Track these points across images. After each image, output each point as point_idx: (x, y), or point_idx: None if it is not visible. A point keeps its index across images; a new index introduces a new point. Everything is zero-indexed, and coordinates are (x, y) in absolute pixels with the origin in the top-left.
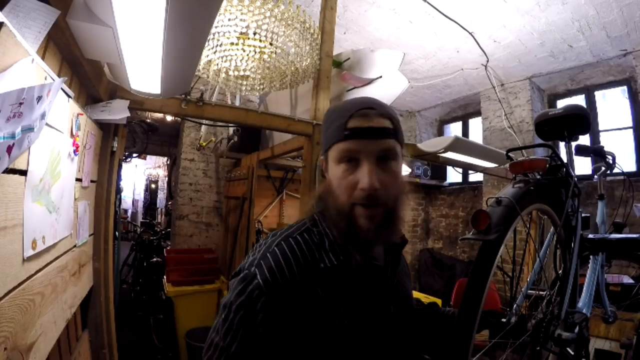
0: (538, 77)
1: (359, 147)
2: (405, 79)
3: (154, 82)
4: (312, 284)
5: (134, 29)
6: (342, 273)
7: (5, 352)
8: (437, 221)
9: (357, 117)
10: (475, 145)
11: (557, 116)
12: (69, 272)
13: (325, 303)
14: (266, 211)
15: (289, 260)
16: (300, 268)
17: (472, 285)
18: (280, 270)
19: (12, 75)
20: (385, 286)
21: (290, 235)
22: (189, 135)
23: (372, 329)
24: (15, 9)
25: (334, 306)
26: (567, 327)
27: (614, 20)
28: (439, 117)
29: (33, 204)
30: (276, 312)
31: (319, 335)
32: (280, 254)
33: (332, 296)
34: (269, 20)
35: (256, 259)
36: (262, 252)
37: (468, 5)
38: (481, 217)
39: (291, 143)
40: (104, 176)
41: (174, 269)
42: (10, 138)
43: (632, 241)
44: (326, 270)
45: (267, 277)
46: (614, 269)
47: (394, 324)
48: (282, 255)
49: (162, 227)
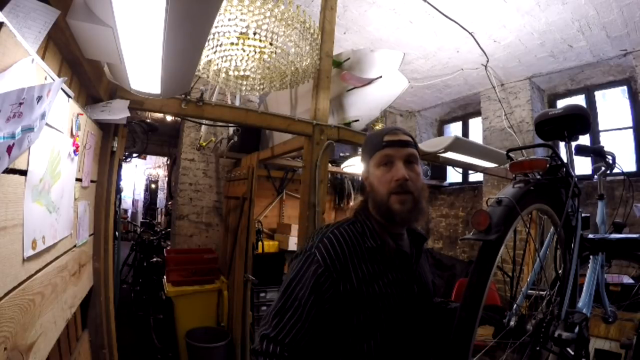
0: (538, 77)
1: (393, 152)
2: (405, 79)
3: (154, 82)
4: (358, 260)
5: (134, 29)
6: (380, 253)
7: (5, 352)
8: (437, 221)
9: (390, 134)
10: (475, 145)
11: (557, 116)
12: (69, 272)
13: (368, 274)
14: (266, 211)
15: (340, 242)
16: (348, 248)
17: (472, 286)
18: (335, 250)
19: (12, 75)
20: (410, 269)
21: (341, 226)
22: (189, 135)
23: (403, 299)
24: (15, 9)
25: (374, 278)
26: (567, 327)
27: (614, 20)
28: (439, 117)
29: (33, 204)
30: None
31: (363, 298)
32: (334, 238)
33: (373, 270)
34: (269, 20)
35: (315, 243)
36: (320, 238)
37: (468, 5)
38: (481, 217)
39: (291, 143)
40: (104, 176)
41: (174, 269)
42: (10, 138)
43: (632, 241)
44: (368, 250)
45: (325, 255)
46: (614, 269)
47: (417, 300)
48: (335, 239)
49: (162, 227)
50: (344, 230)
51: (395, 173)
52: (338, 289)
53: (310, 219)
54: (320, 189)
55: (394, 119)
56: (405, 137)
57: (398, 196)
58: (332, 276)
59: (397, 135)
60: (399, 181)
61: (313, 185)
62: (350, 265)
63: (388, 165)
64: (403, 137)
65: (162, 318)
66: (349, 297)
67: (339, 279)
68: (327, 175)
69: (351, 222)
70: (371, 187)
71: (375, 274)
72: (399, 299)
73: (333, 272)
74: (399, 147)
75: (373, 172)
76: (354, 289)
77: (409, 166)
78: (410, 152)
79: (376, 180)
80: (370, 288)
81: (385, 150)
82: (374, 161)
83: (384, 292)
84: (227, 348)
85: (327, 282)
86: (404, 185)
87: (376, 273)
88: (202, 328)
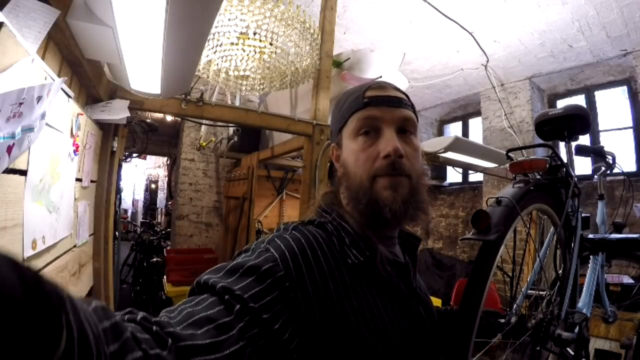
0: (538, 77)
1: (380, 113)
2: (405, 79)
3: (154, 82)
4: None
5: (134, 29)
6: (368, 270)
7: None
8: (437, 221)
9: (375, 88)
10: (475, 145)
11: (557, 116)
12: (69, 272)
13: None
14: (266, 211)
15: (313, 247)
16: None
17: (472, 285)
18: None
19: (12, 75)
20: (410, 286)
21: (304, 227)
22: (189, 135)
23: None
24: (15, 9)
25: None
26: (567, 327)
27: (614, 20)
28: (439, 117)
29: (33, 204)
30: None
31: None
32: (293, 240)
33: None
34: (269, 20)
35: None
36: (270, 238)
37: (468, 5)
38: (481, 217)
39: (291, 143)
40: (104, 176)
41: (174, 269)
42: (10, 138)
43: (632, 241)
44: (351, 267)
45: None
46: (614, 269)
47: (425, 327)
48: (305, 239)
49: (162, 227)
50: (308, 232)
51: (385, 145)
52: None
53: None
54: (320, 189)
55: None
56: (397, 93)
57: (388, 178)
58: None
59: (386, 90)
60: (390, 157)
61: (313, 185)
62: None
63: (371, 134)
64: (394, 93)
65: None
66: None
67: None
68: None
69: (316, 224)
70: (345, 169)
71: (367, 303)
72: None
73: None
74: (388, 107)
75: (348, 146)
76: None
77: (404, 136)
78: (405, 114)
79: (352, 157)
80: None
81: (368, 111)
82: (349, 129)
83: (384, 329)
84: None
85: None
86: (396, 163)
87: (368, 301)
88: None
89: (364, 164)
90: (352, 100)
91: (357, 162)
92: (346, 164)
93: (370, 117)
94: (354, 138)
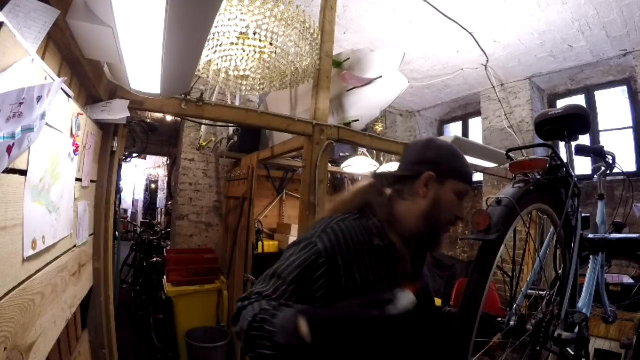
0: (538, 77)
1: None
2: (405, 79)
3: (154, 82)
4: (363, 258)
5: (134, 29)
6: (387, 254)
7: (5, 352)
8: None
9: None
10: (475, 145)
11: (557, 116)
12: (69, 272)
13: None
14: (266, 211)
15: (346, 236)
16: (355, 244)
17: (472, 286)
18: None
19: (12, 75)
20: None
21: (346, 219)
22: (189, 135)
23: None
24: (15, 9)
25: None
26: (567, 327)
27: (614, 20)
28: (439, 117)
29: (33, 204)
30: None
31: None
32: (340, 230)
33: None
34: (269, 20)
35: (317, 233)
36: (323, 228)
37: (468, 5)
38: (481, 217)
39: (291, 143)
40: (104, 176)
41: (174, 269)
42: (10, 138)
43: (632, 241)
44: (375, 249)
45: (327, 246)
46: (614, 269)
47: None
48: (340, 231)
49: (162, 227)
50: (350, 225)
51: (461, 211)
52: (339, 284)
53: (310, 219)
54: (320, 189)
55: (394, 119)
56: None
57: (448, 229)
58: (331, 271)
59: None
60: (458, 220)
61: (313, 185)
62: (354, 263)
63: (460, 198)
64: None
65: (162, 318)
66: (349, 296)
67: (341, 275)
68: (327, 175)
69: (356, 217)
70: (434, 205)
71: (381, 276)
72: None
73: (334, 266)
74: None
75: (448, 193)
76: (357, 288)
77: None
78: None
79: (447, 205)
80: (374, 290)
81: (468, 188)
82: (455, 186)
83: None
84: (227, 348)
85: (324, 278)
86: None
87: (382, 275)
88: (202, 328)
89: (449, 214)
90: (464, 172)
91: (448, 210)
92: (438, 204)
93: (467, 192)
94: (453, 194)
